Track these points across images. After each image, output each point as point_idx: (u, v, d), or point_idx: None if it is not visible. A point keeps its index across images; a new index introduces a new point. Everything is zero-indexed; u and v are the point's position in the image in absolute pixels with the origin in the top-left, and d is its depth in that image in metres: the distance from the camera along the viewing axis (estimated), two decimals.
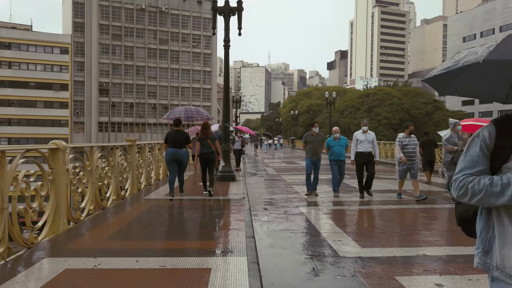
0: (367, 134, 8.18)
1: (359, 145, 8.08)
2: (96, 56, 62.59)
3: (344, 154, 8.46)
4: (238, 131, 14.65)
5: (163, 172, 11.15)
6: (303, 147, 8.62)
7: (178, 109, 10.36)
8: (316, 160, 8.41)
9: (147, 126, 65.69)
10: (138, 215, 5.69)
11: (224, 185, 9.44)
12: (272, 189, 9.64)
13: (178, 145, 7.33)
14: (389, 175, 13.16)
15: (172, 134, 7.47)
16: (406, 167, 7.80)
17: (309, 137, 8.48)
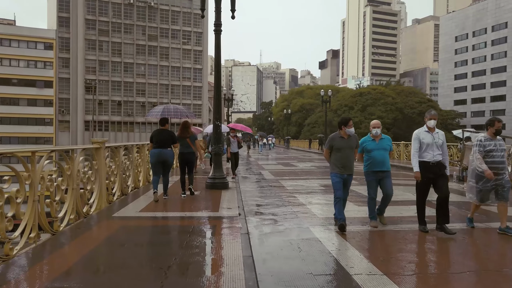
0: (434, 134, 5.15)
1: (424, 151, 5.12)
2: (82, 52, 60.28)
3: (389, 162, 5.67)
4: (232, 129, 12.33)
5: (143, 178, 9.54)
6: (327, 156, 5.72)
7: (157, 109, 9.67)
8: (348, 176, 5.55)
9: (135, 125, 63.60)
10: (92, 248, 4.10)
11: (214, 195, 7.88)
12: (272, 199, 8.10)
13: (163, 145, 7.10)
14: (404, 180, 11.72)
15: (157, 133, 7.21)
16: (491, 185, 5.09)
17: (337, 141, 5.44)
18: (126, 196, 7.75)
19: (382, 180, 5.59)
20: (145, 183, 9.59)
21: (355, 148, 5.62)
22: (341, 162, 5.45)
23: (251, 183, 11.05)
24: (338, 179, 5.54)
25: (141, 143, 9.79)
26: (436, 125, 5.20)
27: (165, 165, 7.26)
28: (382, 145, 5.59)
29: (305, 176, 13.09)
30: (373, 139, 5.63)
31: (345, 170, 5.47)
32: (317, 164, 19.19)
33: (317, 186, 10.08)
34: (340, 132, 5.52)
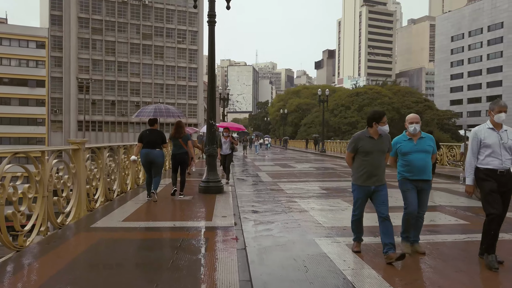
0: (502, 133, 3.89)
1: (488, 155, 3.87)
2: (75, 51, 59.24)
3: (431, 169, 4.33)
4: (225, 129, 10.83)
5: (131, 181, 8.83)
6: (349, 160, 4.36)
7: (148, 108, 9.31)
8: (378, 187, 4.14)
9: (129, 125, 62.64)
10: (54, 274, 3.38)
11: (208, 201, 7.19)
12: (271, 205, 7.42)
13: (152, 145, 7.02)
14: None
15: (146, 133, 7.12)
16: None
17: (365, 142, 4.11)
18: (111, 202, 7.04)
19: (420, 192, 4.26)
20: (133, 186, 8.88)
21: (387, 152, 4.24)
22: (368, 170, 4.08)
23: (248, 186, 10.37)
24: (361, 195, 4.20)
25: (128, 143, 9.16)
26: (433, 125, 4.20)
27: (154, 166, 7.08)
28: (423, 146, 4.20)
29: (304, 178, 12.44)
30: (409, 139, 4.24)
31: (373, 181, 4.10)
32: (316, 165, 18.55)
33: (318, 190, 9.43)
34: (369, 130, 4.12)
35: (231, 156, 10.65)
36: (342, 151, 31.69)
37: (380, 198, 4.12)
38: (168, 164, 13.18)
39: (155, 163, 7.05)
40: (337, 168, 16.50)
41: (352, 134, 62.70)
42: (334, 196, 8.44)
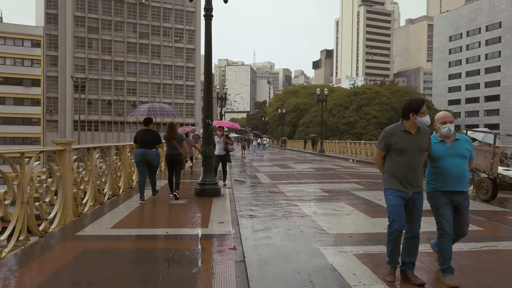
0: None
1: None
2: (70, 50, 58.67)
3: (468, 178, 3.61)
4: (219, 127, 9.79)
5: (124, 183, 8.41)
6: (378, 161, 3.60)
7: (143, 107, 9.35)
8: (414, 194, 3.36)
9: (126, 125, 62.12)
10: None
11: (204, 205, 6.79)
12: (271, 209, 7.02)
13: (147, 145, 6.92)
14: None
15: (141, 133, 7.03)
16: None
17: (399, 138, 3.35)
18: (101, 206, 6.62)
19: (457, 209, 3.48)
20: (126, 189, 8.46)
21: (426, 150, 3.43)
22: (403, 172, 3.33)
23: (246, 189, 9.97)
24: (398, 201, 3.33)
25: (121, 143, 8.72)
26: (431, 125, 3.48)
27: (150, 166, 7.06)
28: (458, 150, 3.48)
29: (304, 179, 12.05)
30: (441, 141, 3.51)
31: (410, 186, 3.33)
32: (315, 165, 18.17)
33: (320, 192, 9.04)
34: (404, 123, 3.37)
35: (228, 157, 9.70)
36: (341, 151, 31.34)
37: (416, 210, 3.38)
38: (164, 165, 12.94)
39: (152, 164, 7.01)
40: (338, 169, 16.13)
41: (350, 134, 61.97)
42: (336, 199, 8.05)
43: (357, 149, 27.97)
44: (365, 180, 11.64)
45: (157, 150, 7.12)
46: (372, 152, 25.14)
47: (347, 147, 30.52)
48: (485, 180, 8.08)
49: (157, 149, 7.15)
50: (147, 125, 7.10)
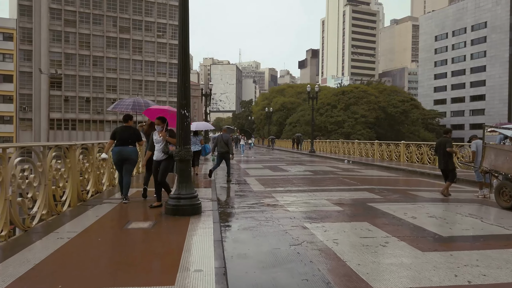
0: None
1: None
2: (46, 44, 55.29)
3: None
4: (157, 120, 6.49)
5: (93, 185, 6.45)
6: None
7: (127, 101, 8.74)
8: None
9: (106, 123, 59.08)
10: None
11: (176, 231, 4.74)
12: (272, 237, 5.00)
13: (125, 142, 6.57)
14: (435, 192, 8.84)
15: (120, 130, 6.67)
16: None
17: None
18: (57, 216, 4.50)
19: None
20: (86, 197, 6.32)
21: None
22: None
23: (235, 200, 7.94)
24: None
25: (90, 142, 7.31)
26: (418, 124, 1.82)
27: (126, 164, 6.64)
28: None
29: (303, 186, 10.11)
30: None
31: None
32: (310, 167, 16.28)
33: (329, 205, 7.09)
34: None
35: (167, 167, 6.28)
36: (333, 151, 29.67)
37: None
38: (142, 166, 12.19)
39: (128, 160, 6.60)
40: (337, 171, 14.27)
41: (338, 133, 60.78)
42: (355, 216, 6.11)
43: (350, 149, 26.33)
44: (377, 186, 9.78)
45: (135, 147, 6.74)
46: (367, 152, 23.53)
47: (339, 147, 28.86)
48: (508, 184, 6.78)
49: (136, 146, 6.78)
50: (127, 122, 6.72)
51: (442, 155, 8.32)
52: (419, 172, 13.77)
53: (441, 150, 8.36)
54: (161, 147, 6.30)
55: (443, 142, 8.39)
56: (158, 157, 6.35)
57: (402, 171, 14.73)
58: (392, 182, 11.33)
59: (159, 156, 6.35)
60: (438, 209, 6.71)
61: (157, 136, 6.38)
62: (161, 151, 6.32)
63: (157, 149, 6.35)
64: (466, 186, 10.36)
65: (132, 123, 6.84)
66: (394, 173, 14.18)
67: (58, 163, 5.89)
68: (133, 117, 7.00)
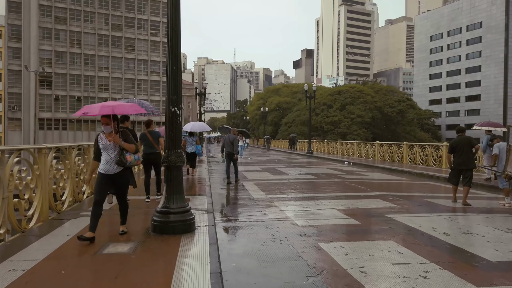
0: None
1: None
2: (35, 42, 53.80)
3: None
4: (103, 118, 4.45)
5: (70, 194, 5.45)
6: None
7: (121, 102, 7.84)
8: None
9: (97, 123, 57.66)
10: None
11: (163, 257, 3.80)
12: (283, 264, 4.07)
13: None
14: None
15: None
16: None
17: None
18: (15, 238, 3.52)
19: None
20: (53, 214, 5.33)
21: None
22: None
23: (233, 211, 7.00)
24: None
25: (66, 144, 6.44)
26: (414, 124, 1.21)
27: None
28: None
29: (308, 192, 9.20)
30: None
31: None
32: (311, 170, 15.39)
33: (342, 217, 6.18)
34: None
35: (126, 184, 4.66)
36: (331, 152, 28.84)
37: None
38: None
39: None
40: (340, 174, 13.39)
41: (334, 133, 60.23)
42: (376, 232, 5.20)
43: (349, 150, 25.52)
44: (389, 192, 8.89)
45: None
46: (367, 153, 22.72)
47: (337, 148, 28.05)
48: None
49: None
50: (123, 123, 6.33)
51: (466, 153, 7.42)
52: (427, 175, 12.96)
53: (465, 148, 7.43)
54: (113, 157, 4.43)
55: (468, 140, 7.48)
56: (110, 169, 4.42)
57: (408, 173, 13.91)
58: (404, 187, 10.47)
59: (110, 168, 4.42)
60: (469, 222, 5.84)
61: (105, 140, 4.47)
62: (114, 163, 4.41)
63: (107, 159, 4.43)
64: (481, 191, 9.54)
65: (128, 124, 6.54)
66: (401, 176, 13.34)
67: (24, 170, 4.94)
68: (129, 118, 6.76)
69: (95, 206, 4.35)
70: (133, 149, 4.54)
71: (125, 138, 4.54)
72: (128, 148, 4.50)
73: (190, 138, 11.43)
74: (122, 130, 4.60)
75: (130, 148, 4.52)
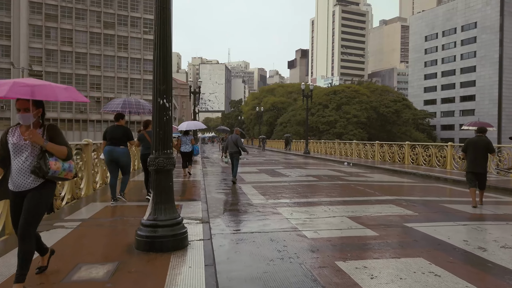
0: None
1: None
2: (25, 40, 52.53)
3: None
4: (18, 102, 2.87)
5: None
6: None
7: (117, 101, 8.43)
8: None
9: (89, 123, 56.58)
10: None
11: (149, 283, 3.01)
12: None
13: (116, 142, 6.45)
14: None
15: (110, 130, 6.55)
16: None
17: None
18: None
19: None
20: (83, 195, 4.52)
21: None
22: None
23: (230, 220, 6.22)
24: None
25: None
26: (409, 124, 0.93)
27: (120, 165, 6.54)
28: None
29: (312, 196, 8.45)
30: None
31: None
32: (311, 171, 14.66)
33: (357, 226, 5.44)
34: None
35: (41, 206, 2.87)
36: (328, 152, 28.18)
37: None
38: (137, 164, 13.09)
39: (120, 162, 6.49)
40: (343, 176, 12.67)
41: (330, 133, 59.71)
42: (402, 246, 4.46)
43: (348, 150, 24.88)
44: (401, 197, 8.17)
45: (126, 148, 6.56)
46: (366, 154, 22.08)
47: (334, 148, 27.40)
48: None
49: (127, 146, 6.60)
50: (118, 121, 6.59)
51: (482, 156, 7.07)
52: (433, 176, 12.30)
53: (480, 151, 7.07)
54: (29, 163, 2.83)
55: (485, 144, 6.96)
56: (20, 184, 2.83)
57: (413, 175, 13.24)
58: (414, 190, 9.76)
59: (21, 183, 2.83)
60: (503, 233, 5.12)
61: (18, 138, 2.88)
62: (27, 173, 2.83)
63: (18, 167, 2.83)
64: (499, 195, 8.87)
65: (123, 122, 6.59)
66: (407, 178, 12.65)
67: None
68: (124, 116, 6.78)
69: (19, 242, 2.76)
70: (63, 153, 2.92)
71: (51, 136, 2.92)
72: (56, 151, 2.89)
73: (184, 137, 11.34)
74: (49, 125, 2.99)
75: (59, 152, 2.90)
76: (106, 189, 8.52)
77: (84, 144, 7.71)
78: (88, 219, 5.36)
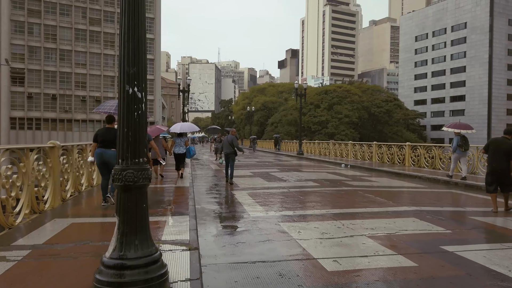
0: None
1: None
2: (6, 36, 50.32)
3: None
4: None
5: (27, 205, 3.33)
6: None
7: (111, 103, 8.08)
8: None
9: (74, 122, 54.57)
10: None
11: None
12: None
13: (107, 144, 6.42)
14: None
15: (102, 132, 6.57)
16: None
17: None
18: None
19: None
20: None
21: None
22: None
23: (226, 244, 5.05)
24: None
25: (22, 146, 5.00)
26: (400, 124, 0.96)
27: (110, 167, 6.30)
28: None
29: (318, 206, 7.35)
30: None
31: None
32: (309, 174, 13.58)
33: (384, 251, 4.35)
34: None
35: None
36: (322, 153, 27.20)
37: None
38: None
39: (111, 164, 6.25)
40: (345, 180, 11.62)
41: (322, 134, 58.79)
42: (452, 284, 3.38)
43: (343, 151, 23.95)
44: (422, 207, 7.11)
45: None
46: (363, 155, 21.15)
47: (329, 149, 26.44)
48: None
49: None
50: (110, 123, 6.53)
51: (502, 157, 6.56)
52: (442, 180, 11.36)
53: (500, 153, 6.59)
54: None
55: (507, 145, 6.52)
56: None
57: (419, 178, 12.29)
58: (429, 198, 8.71)
59: None
60: None
61: None
62: None
63: None
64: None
65: (115, 125, 6.45)
66: (412, 182, 11.67)
67: None
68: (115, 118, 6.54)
69: None
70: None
71: None
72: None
73: (179, 139, 11.30)
74: None
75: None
76: (80, 198, 7.28)
77: (49, 147, 6.47)
78: (42, 245, 4.15)
